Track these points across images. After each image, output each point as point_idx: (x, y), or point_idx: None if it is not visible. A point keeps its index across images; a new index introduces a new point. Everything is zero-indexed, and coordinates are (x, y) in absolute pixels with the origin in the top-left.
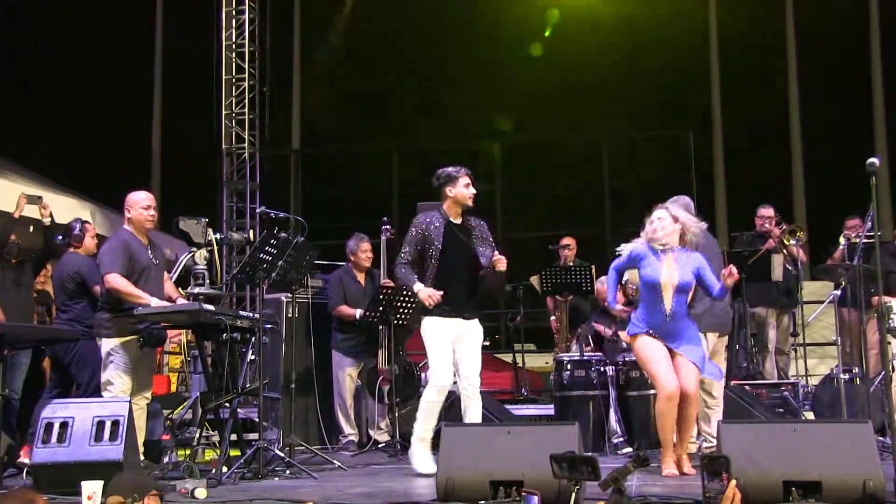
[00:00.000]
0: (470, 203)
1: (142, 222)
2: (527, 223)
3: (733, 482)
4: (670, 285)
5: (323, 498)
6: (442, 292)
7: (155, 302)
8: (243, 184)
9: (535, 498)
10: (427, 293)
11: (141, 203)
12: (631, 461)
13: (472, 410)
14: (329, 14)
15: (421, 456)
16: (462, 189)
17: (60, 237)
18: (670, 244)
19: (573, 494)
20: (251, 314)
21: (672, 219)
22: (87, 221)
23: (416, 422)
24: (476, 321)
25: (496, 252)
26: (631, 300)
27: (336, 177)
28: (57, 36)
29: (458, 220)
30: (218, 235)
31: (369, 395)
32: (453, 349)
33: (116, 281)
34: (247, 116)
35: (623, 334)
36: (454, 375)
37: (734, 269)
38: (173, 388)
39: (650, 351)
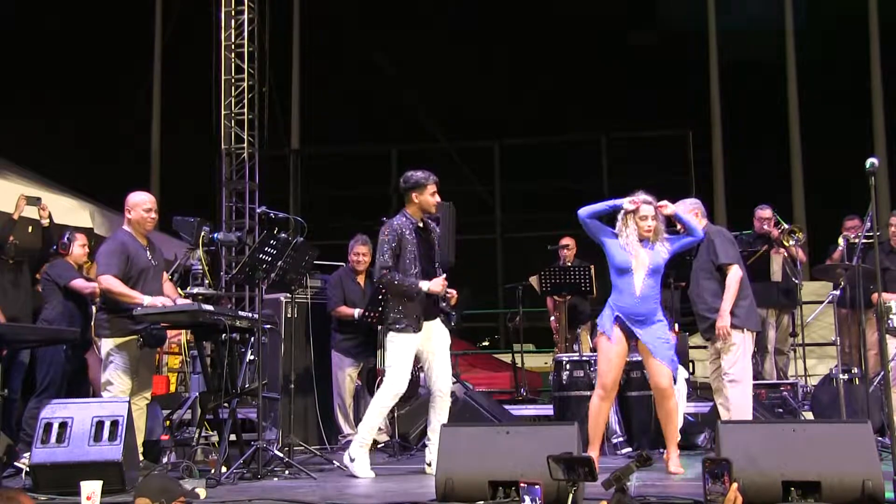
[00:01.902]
0: (433, 211)
1: (143, 224)
2: (527, 223)
3: (735, 485)
4: (642, 267)
5: (322, 498)
6: (444, 274)
7: (148, 300)
8: (243, 184)
9: (539, 488)
10: (439, 284)
11: (143, 205)
12: (634, 460)
13: (441, 413)
14: (328, 14)
15: (364, 461)
16: (428, 197)
17: (54, 247)
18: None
19: (570, 495)
20: (250, 314)
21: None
22: (79, 231)
23: (364, 425)
24: (438, 319)
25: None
26: None
27: (336, 177)
28: (57, 36)
29: (422, 224)
30: (214, 236)
31: (368, 395)
32: (420, 352)
33: (109, 282)
34: (246, 116)
35: None
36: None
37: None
38: (172, 388)
39: (601, 349)
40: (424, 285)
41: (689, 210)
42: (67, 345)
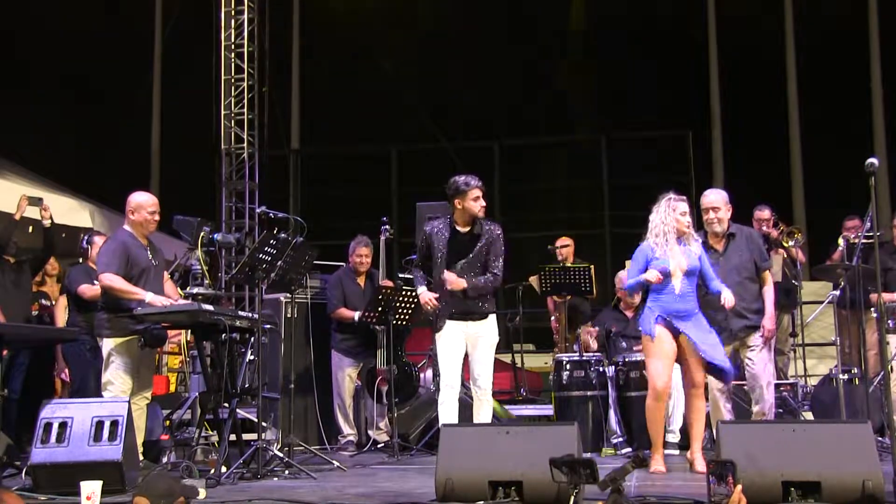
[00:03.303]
0: (479, 215)
1: (146, 225)
2: (527, 223)
3: (739, 487)
4: (679, 270)
5: (322, 498)
6: (437, 297)
7: (150, 297)
8: (242, 184)
9: None
10: (426, 297)
11: (148, 207)
12: (630, 461)
13: (481, 413)
14: (328, 14)
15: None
16: (471, 202)
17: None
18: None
19: (572, 497)
20: (250, 314)
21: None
22: (97, 233)
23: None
24: (487, 321)
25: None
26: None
27: (336, 177)
28: (57, 36)
29: (466, 229)
30: (214, 236)
31: (368, 395)
32: (466, 351)
33: (111, 280)
34: (246, 116)
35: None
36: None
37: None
38: (172, 388)
39: (654, 346)
40: (421, 291)
41: (726, 203)
42: (86, 345)
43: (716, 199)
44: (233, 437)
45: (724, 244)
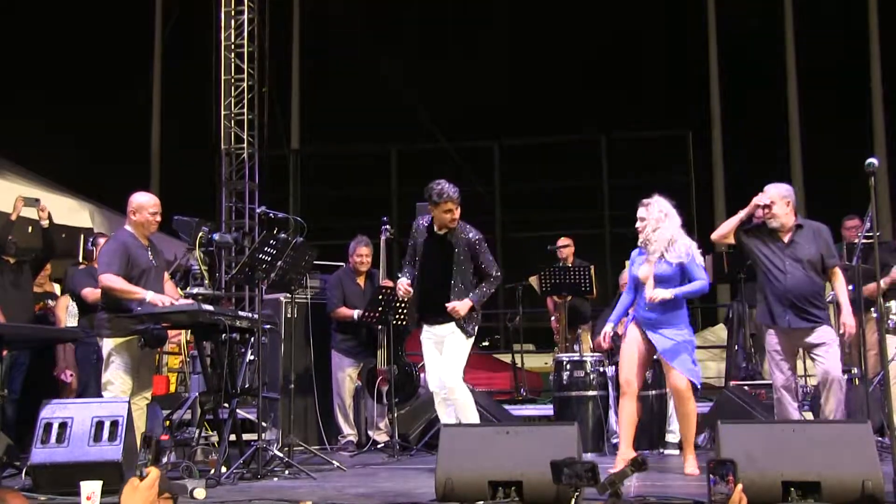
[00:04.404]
0: (449, 226)
1: (147, 226)
2: (527, 223)
3: (739, 486)
4: (650, 278)
5: (321, 498)
6: (410, 286)
7: (150, 296)
8: (242, 184)
9: None
10: (403, 287)
11: (149, 208)
12: (629, 464)
13: (461, 414)
14: (328, 13)
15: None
16: (442, 214)
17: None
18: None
19: (573, 499)
20: (250, 314)
21: (645, 219)
22: (102, 234)
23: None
24: (451, 325)
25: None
26: None
27: (336, 177)
28: (57, 36)
29: (441, 232)
30: (213, 236)
31: (368, 395)
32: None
33: (111, 280)
34: (245, 117)
35: None
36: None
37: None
38: (172, 388)
39: (624, 347)
40: (400, 280)
41: (783, 198)
42: (93, 347)
43: (771, 195)
44: (233, 437)
45: (789, 236)
